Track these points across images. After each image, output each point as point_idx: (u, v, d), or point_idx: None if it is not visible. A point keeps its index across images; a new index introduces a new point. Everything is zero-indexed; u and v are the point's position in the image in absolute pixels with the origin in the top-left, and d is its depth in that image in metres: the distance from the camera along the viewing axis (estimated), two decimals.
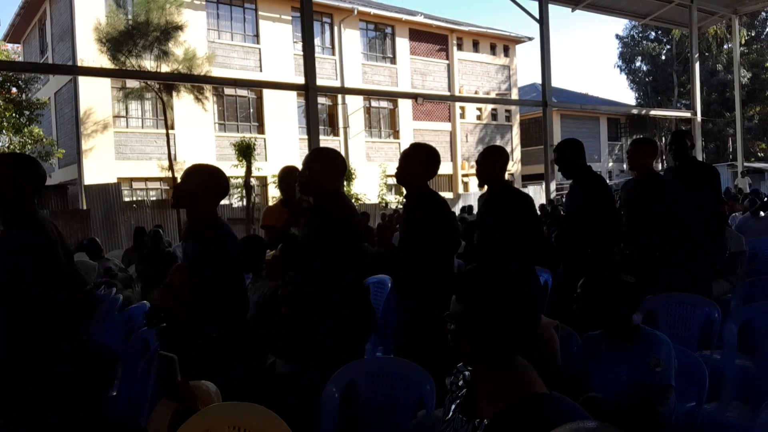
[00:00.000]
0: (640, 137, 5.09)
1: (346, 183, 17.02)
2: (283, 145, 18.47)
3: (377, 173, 18.95)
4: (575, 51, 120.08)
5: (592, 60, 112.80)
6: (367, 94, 20.33)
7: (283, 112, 18.95)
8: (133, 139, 17.23)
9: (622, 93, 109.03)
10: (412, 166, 3.14)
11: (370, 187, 18.31)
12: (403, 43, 22.02)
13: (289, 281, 2.91)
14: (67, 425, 1.61)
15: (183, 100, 16.46)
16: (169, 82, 15.85)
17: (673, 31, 28.99)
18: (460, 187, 22.93)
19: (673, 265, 3.95)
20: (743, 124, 20.08)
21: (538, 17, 11.76)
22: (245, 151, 14.22)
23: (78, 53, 15.91)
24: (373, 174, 19.05)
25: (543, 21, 11.68)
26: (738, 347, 2.88)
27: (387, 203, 17.52)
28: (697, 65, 15.11)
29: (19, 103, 15.52)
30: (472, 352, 1.45)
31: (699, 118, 14.94)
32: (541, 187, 18.45)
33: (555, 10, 13.51)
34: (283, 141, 18.65)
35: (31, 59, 20.54)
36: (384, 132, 21.94)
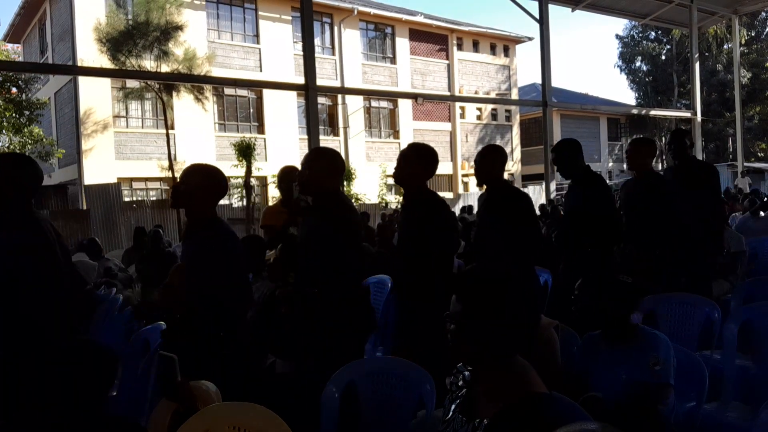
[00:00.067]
0: (639, 137, 5.10)
1: (346, 183, 17.02)
2: (283, 145, 18.48)
3: (377, 173, 18.95)
4: (575, 51, 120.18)
5: (592, 60, 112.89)
6: (367, 94, 20.33)
7: (283, 112, 18.95)
8: (133, 139, 17.23)
9: (622, 93, 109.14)
10: (410, 167, 3.13)
11: (370, 187, 18.31)
12: (403, 43, 22.02)
13: (291, 282, 2.90)
14: (67, 425, 1.61)
15: (183, 100, 16.47)
16: (169, 82, 15.85)
17: (673, 31, 28.99)
18: (460, 187, 22.93)
19: (673, 265, 3.95)
20: (743, 124, 20.07)
21: (538, 17, 11.76)
22: (245, 151, 14.22)
23: (78, 53, 15.91)
24: (373, 174, 19.06)
25: (543, 21, 11.68)
26: (738, 347, 2.88)
27: (387, 203, 17.52)
28: (697, 65, 15.11)
29: (19, 103, 15.52)
30: (472, 352, 1.45)
31: (699, 118, 14.93)
32: (541, 187, 18.44)
33: (555, 10, 13.52)
34: (283, 141, 18.66)
35: (31, 59, 20.54)
36: (384, 132, 21.94)
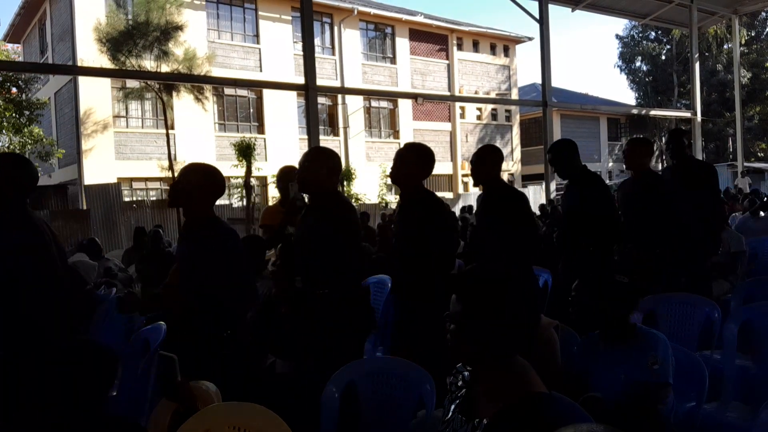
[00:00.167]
0: (636, 137, 5.09)
1: (346, 183, 17.02)
2: (283, 145, 18.48)
3: (377, 173, 18.95)
4: (575, 51, 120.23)
5: (592, 60, 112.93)
6: (367, 94, 20.33)
7: (283, 112, 18.95)
8: (133, 139, 17.23)
9: (622, 93, 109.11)
10: (406, 166, 3.14)
11: (370, 187, 18.32)
12: (403, 43, 22.02)
13: (298, 287, 2.86)
14: (67, 425, 1.61)
15: (183, 100, 16.47)
16: (169, 82, 15.85)
17: (673, 31, 28.98)
18: (460, 187, 22.92)
19: (673, 264, 3.95)
20: (743, 124, 20.07)
21: (538, 17, 11.74)
22: (245, 151, 14.22)
23: (78, 53, 15.91)
24: (373, 174, 19.05)
25: (543, 21, 11.67)
26: (738, 347, 2.88)
27: (387, 203, 17.52)
28: (697, 65, 15.10)
29: (19, 103, 15.52)
30: (471, 352, 1.45)
31: (699, 118, 14.92)
32: (541, 187, 18.44)
33: (555, 10, 13.51)
34: (283, 141, 18.66)
35: (31, 59, 20.54)
36: (384, 132, 21.94)
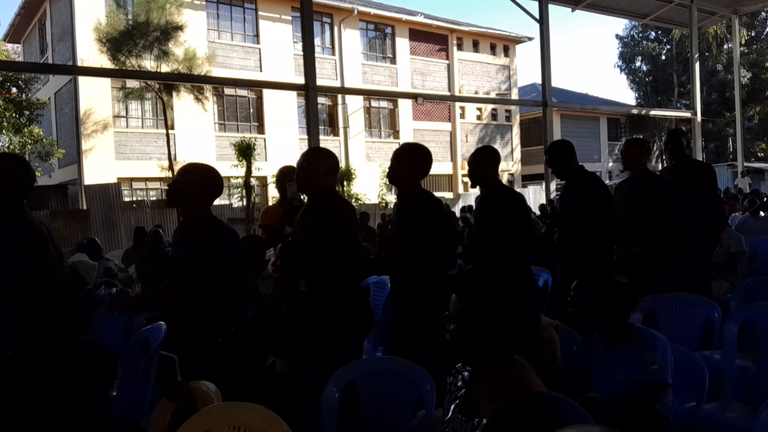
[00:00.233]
0: (633, 138, 5.07)
1: (346, 183, 17.03)
2: (283, 145, 18.48)
3: (377, 173, 18.95)
4: (575, 51, 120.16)
5: (592, 60, 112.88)
6: (367, 94, 20.32)
7: (283, 112, 18.95)
8: (133, 139, 17.23)
9: (622, 93, 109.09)
10: (403, 167, 3.15)
11: (370, 187, 18.32)
12: (403, 43, 22.02)
13: (303, 291, 2.84)
14: (67, 425, 1.61)
15: (183, 100, 16.47)
16: (169, 82, 15.85)
17: (673, 31, 28.98)
18: (460, 187, 22.92)
19: (674, 264, 3.94)
20: (743, 124, 20.06)
21: (538, 17, 11.74)
22: (245, 151, 14.22)
23: (78, 53, 15.91)
24: (373, 174, 19.05)
25: (543, 21, 11.66)
26: (738, 347, 2.88)
27: (387, 203, 17.51)
28: (697, 65, 15.09)
29: (19, 103, 15.53)
30: (471, 352, 1.45)
31: (699, 118, 14.91)
32: (541, 187, 18.45)
33: (555, 10, 13.50)
34: (283, 141, 18.66)
35: (31, 59, 20.54)
36: (384, 132, 21.94)
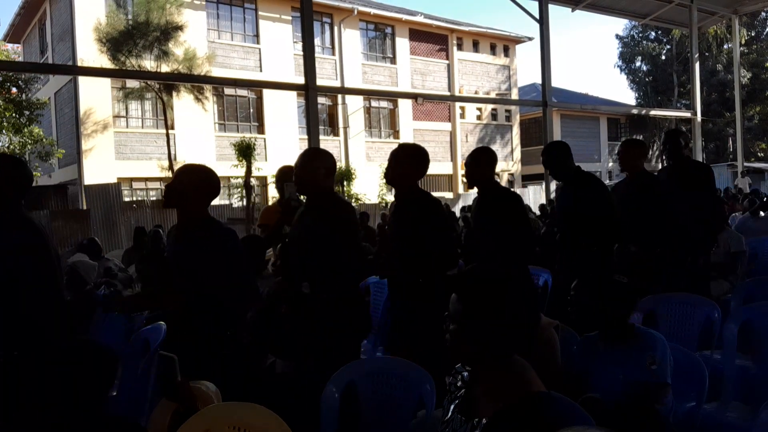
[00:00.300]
0: (630, 139, 5.08)
1: (346, 183, 17.02)
2: (283, 145, 18.48)
3: (377, 173, 18.93)
4: (575, 51, 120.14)
5: (592, 60, 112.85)
6: (367, 94, 20.32)
7: (283, 112, 18.95)
8: (133, 139, 17.23)
9: (622, 93, 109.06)
10: (400, 167, 3.15)
11: (370, 187, 18.32)
12: (403, 43, 22.02)
13: (306, 291, 2.84)
14: (67, 425, 1.61)
15: (183, 100, 16.47)
16: (169, 82, 15.85)
17: (673, 31, 28.98)
18: (460, 187, 22.92)
19: (674, 265, 3.94)
20: (743, 124, 20.06)
21: (538, 17, 11.73)
22: (245, 151, 14.22)
23: (78, 53, 15.91)
24: (373, 174, 19.04)
25: (543, 21, 11.65)
26: (738, 347, 2.88)
27: (387, 203, 17.50)
28: (697, 65, 15.09)
29: (19, 103, 15.53)
30: (471, 352, 1.45)
31: (699, 118, 14.91)
32: (541, 187, 18.45)
33: (555, 10, 13.49)
34: (283, 141, 18.65)
35: (31, 59, 20.54)
36: (384, 132, 21.94)
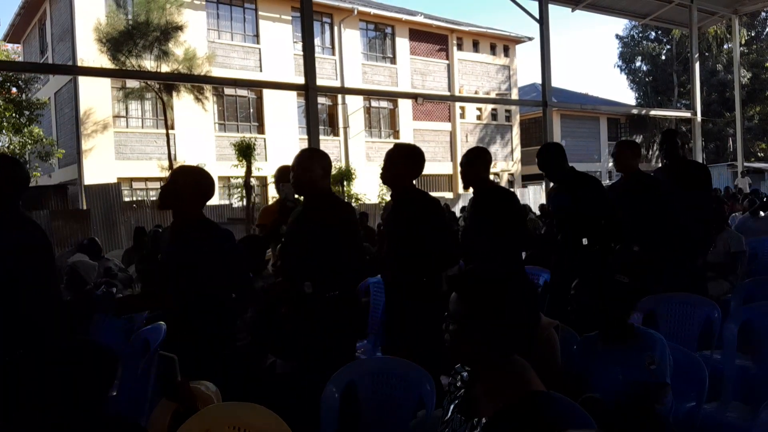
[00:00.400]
0: (624, 140, 5.07)
1: (346, 183, 17.02)
2: (283, 145, 18.47)
3: (377, 173, 18.84)
4: (575, 51, 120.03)
5: (592, 60, 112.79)
6: (367, 94, 20.32)
7: (283, 112, 18.95)
8: (133, 139, 17.23)
9: (622, 93, 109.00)
10: (396, 167, 3.17)
11: (370, 187, 18.31)
12: (403, 43, 22.02)
13: (309, 292, 2.84)
14: (67, 425, 1.61)
15: (183, 100, 16.47)
16: (169, 82, 15.85)
17: (673, 31, 28.98)
18: (460, 187, 22.86)
19: (674, 264, 3.94)
20: (743, 124, 20.05)
21: (538, 17, 11.72)
22: (245, 151, 14.22)
23: (78, 53, 15.90)
24: (373, 174, 18.95)
25: (543, 21, 11.65)
26: (738, 347, 2.88)
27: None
28: (697, 65, 15.08)
29: (19, 103, 15.53)
30: (471, 352, 1.45)
31: (699, 118, 14.90)
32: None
33: (555, 10, 13.47)
34: (283, 141, 18.65)
35: (31, 59, 20.54)
36: (384, 132, 21.93)
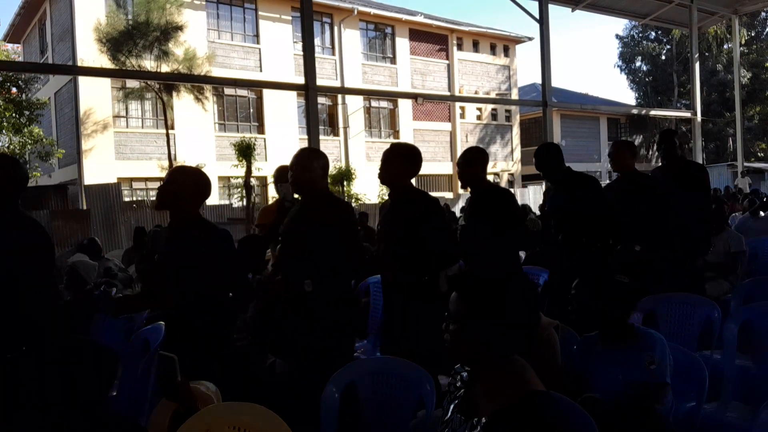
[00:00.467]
0: (620, 140, 5.08)
1: (346, 183, 17.01)
2: (283, 145, 18.46)
3: (377, 173, 18.89)
4: (575, 51, 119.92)
5: (592, 60, 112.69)
6: (367, 94, 20.31)
7: (283, 112, 18.95)
8: (133, 139, 17.23)
9: (622, 93, 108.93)
10: (393, 166, 3.18)
11: (370, 187, 18.29)
12: (403, 43, 22.01)
13: (309, 291, 2.84)
14: (67, 425, 1.61)
15: (183, 100, 16.47)
16: (169, 82, 15.85)
17: (673, 31, 28.97)
18: (460, 187, 22.87)
19: (675, 264, 3.94)
20: (743, 124, 20.05)
21: (538, 17, 11.73)
22: (245, 151, 14.22)
23: (78, 53, 15.90)
24: (373, 174, 18.79)
25: (543, 21, 11.65)
26: (738, 347, 2.88)
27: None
28: (697, 65, 15.08)
29: (19, 103, 15.54)
30: (471, 352, 1.45)
31: (699, 118, 14.90)
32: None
33: (555, 10, 13.48)
34: (283, 141, 18.64)
35: (31, 59, 20.54)
36: (384, 132, 21.93)
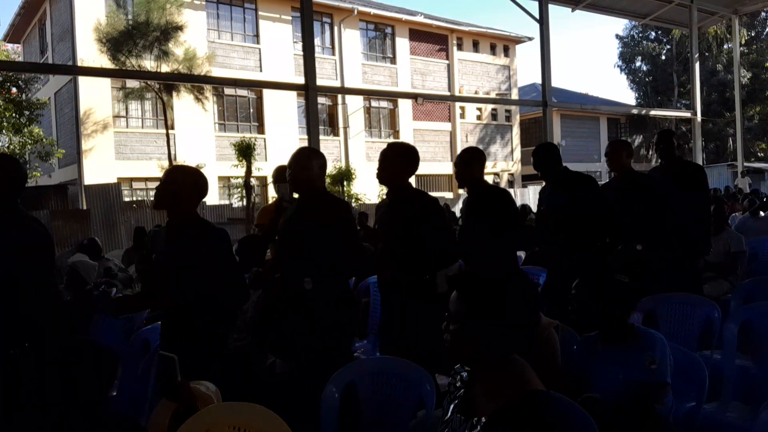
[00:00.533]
0: (617, 139, 5.07)
1: (346, 183, 17.01)
2: (283, 145, 18.45)
3: (376, 173, 18.87)
4: (575, 51, 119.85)
5: (592, 60, 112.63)
6: (367, 94, 20.32)
7: (283, 112, 18.95)
8: (133, 139, 17.23)
9: (622, 93, 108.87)
10: (391, 166, 3.18)
11: (370, 187, 18.30)
12: (403, 43, 22.02)
13: (308, 288, 2.84)
14: (67, 425, 1.61)
15: (183, 100, 16.47)
16: (169, 82, 15.85)
17: (673, 31, 28.98)
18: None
19: (674, 265, 3.94)
20: (743, 124, 20.05)
21: (538, 17, 11.73)
22: (245, 151, 14.23)
23: (78, 53, 15.91)
24: (373, 174, 18.80)
25: (543, 21, 11.65)
26: (738, 347, 2.88)
27: None
28: (697, 65, 15.08)
29: (19, 103, 15.54)
30: (471, 351, 1.45)
31: (699, 118, 14.91)
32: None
33: (555, 10, 13.48)
34: (283, 141, 18.64)
35: (31, 59, 20.54)
36: (384, 132, 21.93)
